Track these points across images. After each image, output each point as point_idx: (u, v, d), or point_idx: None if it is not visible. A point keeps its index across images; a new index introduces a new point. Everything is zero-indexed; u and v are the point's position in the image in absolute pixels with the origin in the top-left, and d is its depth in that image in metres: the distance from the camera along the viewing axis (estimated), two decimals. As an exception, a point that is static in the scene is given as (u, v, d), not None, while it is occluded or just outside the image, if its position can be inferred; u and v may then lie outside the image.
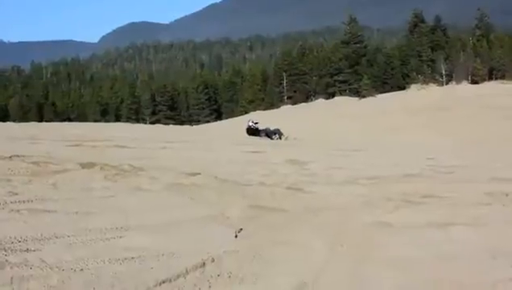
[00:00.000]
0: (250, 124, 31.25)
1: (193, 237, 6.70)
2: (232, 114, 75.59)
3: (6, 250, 5.68)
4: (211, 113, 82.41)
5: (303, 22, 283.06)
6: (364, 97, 63.55)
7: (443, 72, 63.84)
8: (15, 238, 6.08)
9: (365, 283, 5.53)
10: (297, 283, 5.39)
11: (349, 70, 71.24)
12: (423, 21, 76.71)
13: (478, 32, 72.83)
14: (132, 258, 5.71)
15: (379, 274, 5.76)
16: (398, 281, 5.55)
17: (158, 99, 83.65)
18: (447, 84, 62.14)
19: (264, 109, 68.33)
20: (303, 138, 28.70)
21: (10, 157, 12.05)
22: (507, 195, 9.77)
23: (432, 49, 70.59)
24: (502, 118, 36.39)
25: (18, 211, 7.25)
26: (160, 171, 11.40)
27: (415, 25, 76.32)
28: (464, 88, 56.43)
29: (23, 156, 12.31)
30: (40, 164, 11.36)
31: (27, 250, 5.76)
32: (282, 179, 11.14)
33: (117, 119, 76.66)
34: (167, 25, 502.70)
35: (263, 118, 43.18)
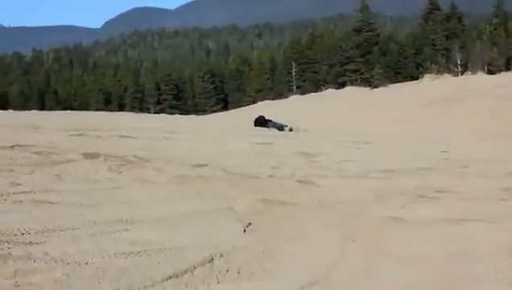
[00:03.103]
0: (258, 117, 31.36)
1: (200, 231, 6.69)
2: (238, 104, 75.44)
3: (9, 243, 5.69)
4: (217, 103, 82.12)
5: (314, 9, 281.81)
6: (376, 87, 63.17)
7: (459, 62, 63.35)
8: (18, 230, 6.09)
9: (377, 279, 5.53)
10: (308, 279, 5.39)
11: (361, 59, 70.79)
12: (438, 8, 76.16)
13: (495, 20, 72.13)
14: (138, 252, 5.72)
15: (391, 270, 5.75)
16: (411, 278, 5.55)
17: (162, 88, 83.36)
18: (462, 74, 61.67)
19: (272, 99, 68.09)
20: (313, 129, 28.63)
21: (12, 147, 12.11)
22: (524, 190, 9.75)
23: (447, 38, 70.04)
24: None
25: (20, 202, 7.28)
26: (166, 162, 11.43)
27: (430, 12, 75.79)
28: (480, 78, 55.97)
29: (25, 146, 12.37)
30: (43, 154, 11.41)
31: (31, 242, 5.78)
32: (292, 171, 11.14)
33: (121, 108, 76.26)
34: (172, 11, 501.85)
35: (271, 108, 43.09)
